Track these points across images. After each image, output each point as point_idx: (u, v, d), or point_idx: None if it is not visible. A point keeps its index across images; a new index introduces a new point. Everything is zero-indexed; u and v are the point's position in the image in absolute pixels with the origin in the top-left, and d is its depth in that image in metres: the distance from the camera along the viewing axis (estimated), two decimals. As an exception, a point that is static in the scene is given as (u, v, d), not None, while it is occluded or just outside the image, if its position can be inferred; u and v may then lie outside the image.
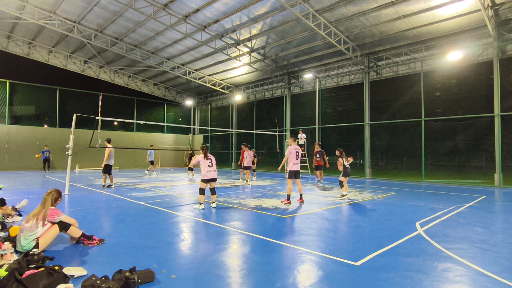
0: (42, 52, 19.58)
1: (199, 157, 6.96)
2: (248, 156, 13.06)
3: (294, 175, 7.57)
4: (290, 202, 7.49)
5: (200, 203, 6.85)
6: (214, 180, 6.92)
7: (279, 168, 8.36)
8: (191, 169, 15.31)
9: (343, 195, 8.45)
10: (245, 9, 13.05)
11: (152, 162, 16.72)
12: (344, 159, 8.66)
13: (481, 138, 13.36)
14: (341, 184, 8.56)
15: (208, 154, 6.98)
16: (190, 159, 14.25)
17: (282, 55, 17.77)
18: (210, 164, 6.84)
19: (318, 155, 12.86)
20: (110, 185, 10.80)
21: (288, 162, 7.58)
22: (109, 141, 10.87)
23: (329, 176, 16.05)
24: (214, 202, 7.04)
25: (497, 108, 12.32)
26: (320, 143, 13.61)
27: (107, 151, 10.52)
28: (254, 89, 23.42)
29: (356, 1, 11.82)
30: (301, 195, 7.74)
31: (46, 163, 18.50)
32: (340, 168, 8.65)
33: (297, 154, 7.61)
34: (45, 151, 18.46)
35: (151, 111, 26.41)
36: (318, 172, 13.06)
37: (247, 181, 12.98)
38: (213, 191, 7.04)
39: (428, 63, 14.63)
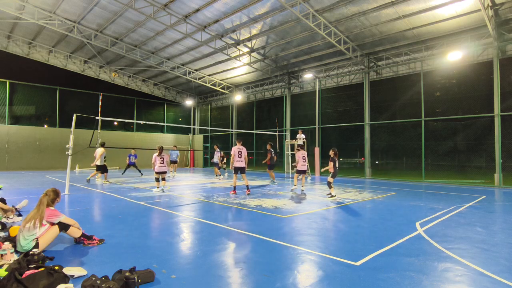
0: (42, 52, 19.58)
1: (155, 155, 9.57)
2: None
3: (238, 170, 9.12)
4: (235, 193, 9.06)
5: (157, 187, 9.59)
6: (163, 172, 9.65)
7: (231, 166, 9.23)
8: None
9: (332, 195, 8.38)
10: (245, 9, 13.04)
11: (173, 162, 16.89)
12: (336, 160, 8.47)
13: (481, 138, 13.35)
14: (329, 184, 8.43)
15: (162, 154, 9.61)
16: None
17: (282, 55, 17.76)
18: (162, 162, 9.51)
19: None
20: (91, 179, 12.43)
21: (234, 159, 8.99)
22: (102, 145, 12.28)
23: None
24: (163, 186, 9.72)
25: (497, 108, 12.32)
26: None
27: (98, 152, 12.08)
28: (254, 89, 23.41)
29: (356, 1, 11.81)
30: (247, 186, 9.25)
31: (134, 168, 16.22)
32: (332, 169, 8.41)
33: (240, 153, 9.07)
34: (131, 155, 15.83)
35: (151, 111, 26.41)
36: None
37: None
38: (163, 180, 9.74)
39: (428, 63, 14.62)
